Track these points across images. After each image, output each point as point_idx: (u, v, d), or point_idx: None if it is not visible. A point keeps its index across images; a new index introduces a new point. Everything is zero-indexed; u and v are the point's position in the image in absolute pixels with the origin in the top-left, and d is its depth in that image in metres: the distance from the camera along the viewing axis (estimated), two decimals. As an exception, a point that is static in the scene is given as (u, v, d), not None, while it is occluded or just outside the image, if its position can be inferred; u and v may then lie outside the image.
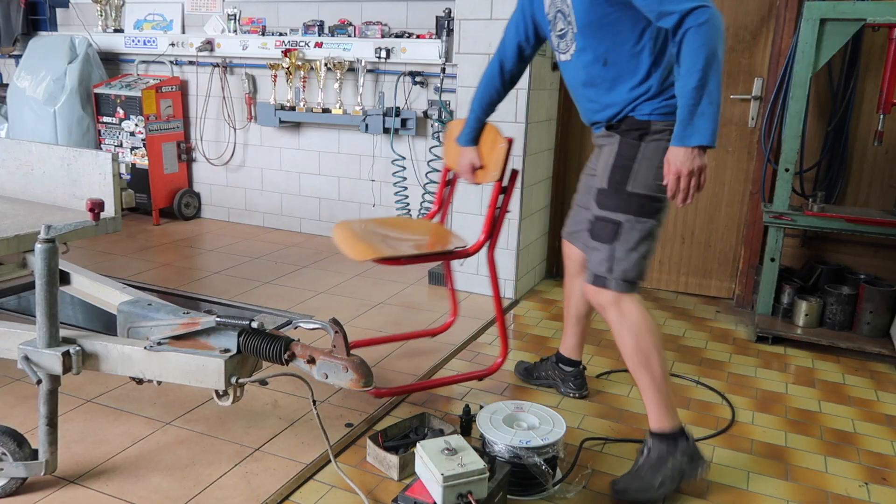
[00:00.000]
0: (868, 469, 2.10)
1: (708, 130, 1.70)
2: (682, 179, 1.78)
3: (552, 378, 2.53)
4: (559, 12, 1.93)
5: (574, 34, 1.90)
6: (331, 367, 1.72)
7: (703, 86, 1.66)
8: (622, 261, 1.89)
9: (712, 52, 1.65)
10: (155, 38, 4.73)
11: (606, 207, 1.91)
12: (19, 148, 2.62)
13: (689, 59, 1.66)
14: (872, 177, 3.21)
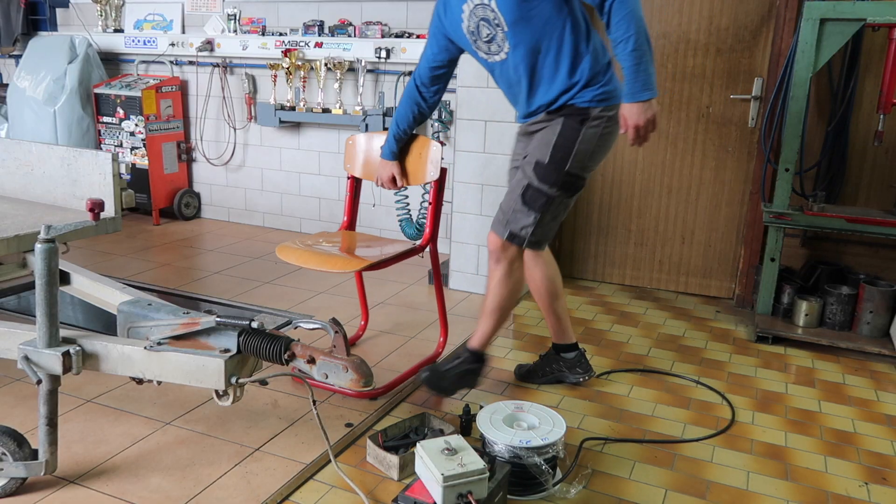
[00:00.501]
0: (868, 469, 2.10)
1: (651, 84, 1.97)
2: (641, 129, 2.00)
3: (557, 371, 2.55)
4: (482, 20, 2.09)
5: (505, 33, 2.06)
6: (331, 367, 1.72)
7: (638, 47, 1.93)
8: (542, 227, 2.18)
9: (637, 16, 1.93)
10: (155, 38, 4.73)
11: (543, 181, 2.13)
12: (19, 148, 2.62)
13: (620, 27, 1.93)
14: (872, 177, 3.21)
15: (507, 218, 2.20)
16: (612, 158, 3.69)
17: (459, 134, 3.42)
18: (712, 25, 3.36)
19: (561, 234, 3.87)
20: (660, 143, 3.58)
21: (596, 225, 3.81)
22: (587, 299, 3.58)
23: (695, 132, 3.51)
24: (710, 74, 3.42)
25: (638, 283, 3.80)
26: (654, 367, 2.77)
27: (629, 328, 3.19)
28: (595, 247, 3.84)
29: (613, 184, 3.72)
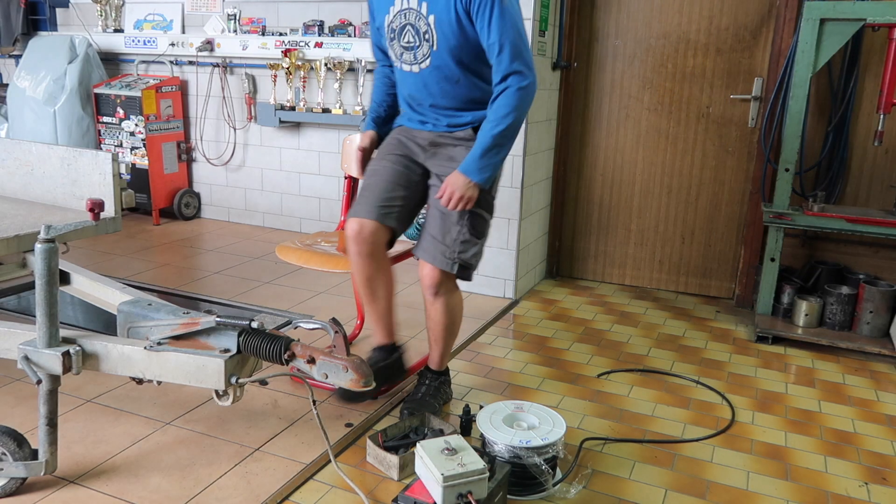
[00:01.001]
0: (868, 469, 2.10)
1: (488, 175, 2.06)
2: (453, 200, 2.06)
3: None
4: (409, 25, 2.09)
5: (431, 51, 2.09)
6: (331, 367, 1.72)
7: (501, 139, 2.04)
8: (480, 253, 2.21)
9: (520, 116, 2.05)
10: (155, 38, 4.73)
11: (485, 208, 2.17)
12: (19, 148, 2.62)
13: (500, 110, 2.02)
14: (872, 177, 3.21)
15: (454, 249, 2.11)
16: (612, 158, 3.69)
17: (459, 134, 3.42)
18: (712, 25, 3.36)
19: (561, 234, 3.87)
20: (660, 143, 3.58)
21: (596, 225, 3.81)
22: (587, 299, 3.58)
23: (695, 132, 3.51)
24: (710, 74, 3.42)
25: (638, 283, 3.80)
26: (654, 367, 2.77)
27: (629, 328, 3.19)
28: (595, 247, 3.84)
29: (613, 184, 3.72)
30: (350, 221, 2.18)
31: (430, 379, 2.32)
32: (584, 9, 3.58)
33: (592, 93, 3.66)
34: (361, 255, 2.18)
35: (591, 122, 3.70)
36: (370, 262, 2.19)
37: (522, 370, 2.70)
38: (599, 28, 3.58)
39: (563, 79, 3.64)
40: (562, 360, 2.81)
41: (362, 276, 2.22)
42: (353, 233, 2.16)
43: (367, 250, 2.17)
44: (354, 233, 2.16)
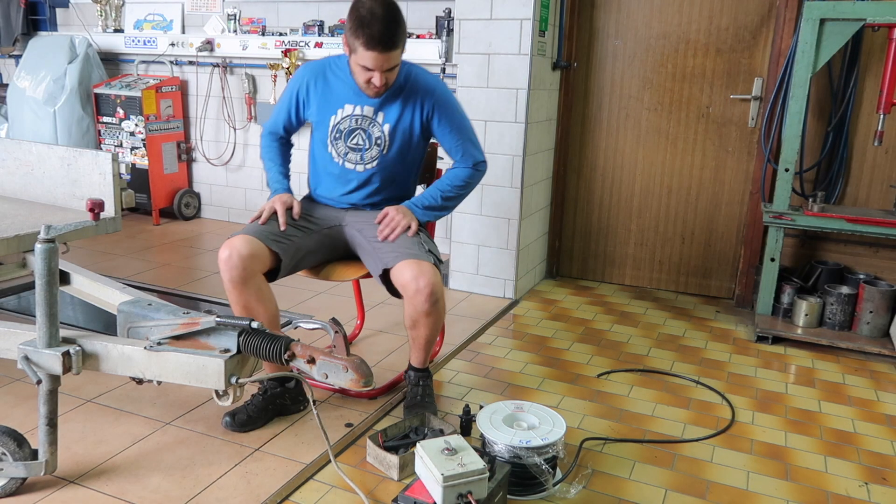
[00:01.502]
0: (868, 469, 2.10)
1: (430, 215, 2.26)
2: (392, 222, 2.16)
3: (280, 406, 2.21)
4: (361, 129, 2.20)
5: (381, 154, 2.22)
6: (331, 367, 1.72)
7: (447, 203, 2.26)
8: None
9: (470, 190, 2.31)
10: (155, 38, 4.73)
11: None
12: (19, 148, 2.62)
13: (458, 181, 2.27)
14: (872, 177, 3.21)
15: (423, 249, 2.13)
16: (611, 158, 3.69)
17: (459, 134, 3.42)
18: (712, 25, 3.36)
19: (561, 234, 3.87)
20: (660, 143, 3.58)
21: (596, 225, 3.81)
22: (587, 299, 3.58)
23: (695, 132, 3.51)
24: (709, 74, 3.42)
25: (638, 283, 3.80)
26: (654, 368, 2.77)
27: (629, 328, 3.19)
28: (595, 247, 3.84)
29: (613, 184, 3.72)
30: (223, 246, 2.07)
31: (422, 379, 2.27)
32: (584, 9, 3.58)
33: (592, 93, 3.66)
34: (234, 281, 2.02)
35: (590, 122, 3.70)
36: (244, 290, 2.03)
37: (522, 370, 2.70)
38: (599, 28, 3.58)
39: (563, 79, 3.64)
40: (562, 360, 2.81)
41: (238, 306, 2.06)
42: (224, 256, 2.03)
43: (240, 275, 2.01)
44: (225, 256, 2.03)
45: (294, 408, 2.23)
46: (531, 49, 3.18)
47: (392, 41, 1.96)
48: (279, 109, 2.33)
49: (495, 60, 3.26)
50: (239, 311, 2.07)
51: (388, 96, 2.17)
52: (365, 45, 1.95)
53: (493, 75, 3.28)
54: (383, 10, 1.94)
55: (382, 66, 1.99)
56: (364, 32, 1.93)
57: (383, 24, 1.93)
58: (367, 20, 1.93)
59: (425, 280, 2.02)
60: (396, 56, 2.01)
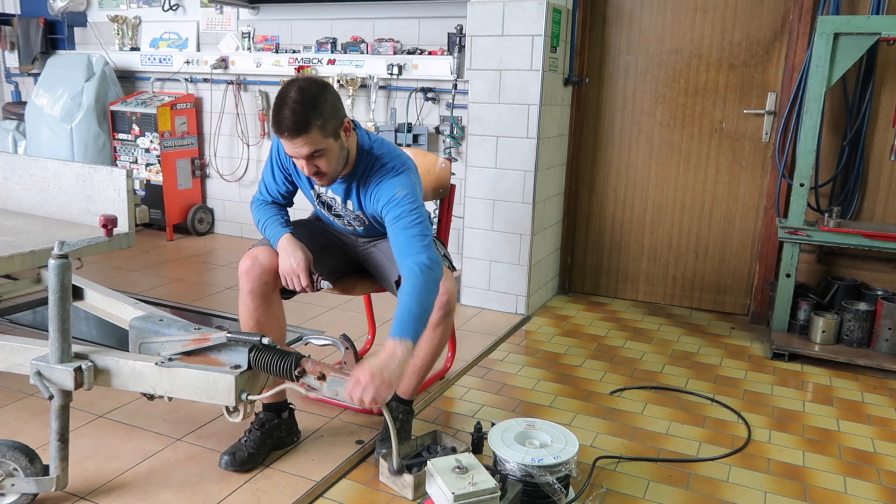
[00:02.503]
0: (889, 490, 2.06)
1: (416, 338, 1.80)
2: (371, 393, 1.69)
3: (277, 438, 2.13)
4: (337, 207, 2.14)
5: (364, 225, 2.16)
6: (341, 383, 1.71)
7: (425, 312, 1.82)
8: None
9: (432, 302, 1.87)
10: (170, 56, 4.79)
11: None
12: (35, 165, 2.65)
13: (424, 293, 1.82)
14: (889, 192, 3.18)
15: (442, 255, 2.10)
16: (624, 174, 3.68)
17: (471, 149, 3.42)
18: (725, 40, 3.36)
19: (573, 249, 3.86)
20: (672, 158, 3.57)
21: (609, 240, 3.79)
22: (600, 315, 3.55)
23: (708, 147, 3.49)
24: (722, 89, 3.41)
25: (651, 299, 3.77)
26: (669, 385, 2.74)
27: (643, 345, 3.16)
28: (608, 262, 3.82)
29: (626, 199, 3.70)
30: (244, 256, 2.05)
31: (403, 413, 2.15)
32: (596, 24, 3.58)
33: (604, 108, 3.66)
34: (252, 293, 2.01)
35: (603, 138, 3.69)
36: (261, 304, 2.03)
37: (535, 387, 2.68)
38: (611, 44, 3.58)
39: (575, 94, 3.64)
40: (574, 376, 2.79)
41: (251, 320, 2.04)
42: (245, 267, 2.03)
43: (260, 288, 2.02)
44: (246, 267, 2.02)
45: (289, 440, 2.15)
46: (543, 65, 3.18)
47: (298, 126, 1.78)
48: (272, 180, 2.19)
49: (507, 76, 3.27)
50: (250, 324, 2.06)
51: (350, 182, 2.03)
52: (276, 131, 1.83)
53: (505, 91, 3.28)
54: (297, 93, 1.79)
55: (297, 153, 1.85)
56: (274, 119, 1.83)
57: (290, 108, 1.78)
58: (278, 105, 1.81)
59: (443, 287, 1.94)
60: (312, 141, 1.81)
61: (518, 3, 3.17)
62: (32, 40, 5.12)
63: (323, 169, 1.90)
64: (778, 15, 3.25)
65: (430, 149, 4.08)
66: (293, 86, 1.82)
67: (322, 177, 1.93)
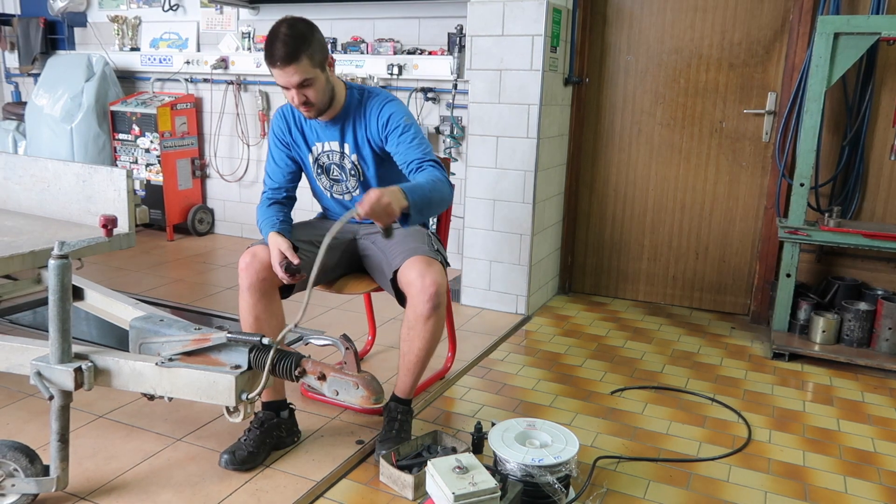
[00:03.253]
0: (889, 490, 2.05)
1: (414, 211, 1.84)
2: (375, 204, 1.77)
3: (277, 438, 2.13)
4: (334, 164, 2.22)
5: (359, 183, 2.23)
6: (341, 383, 1.71)
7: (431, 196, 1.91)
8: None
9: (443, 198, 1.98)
10: (170, 56, 4.79)
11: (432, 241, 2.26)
12: (36, 165, 2.65)
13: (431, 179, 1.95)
14: (889, 191, 3.18)
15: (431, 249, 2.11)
16: (624, 174, 3.68)
17: (471, 149, 3.42)
18: (725, 40, 3.36)
19: (573, 249, 3.86)
20: (673, 158, 3.57)
21: (609, 241, 3.79)
22: (600, 315, 3.55)
23: (708, 147, 3.49)
24: (723, 89, 3.41)
25: (651, 299, 3.77)
26: (669, 385, 2.74)
27: (643, 344, 3.16)
28: (608, 263, 3.82)
29: (626, 199, 3.70)
30: (244, 253, 2.08)
31: (402, 413, 2.15)
32: (596, 24, 3.58)
33: (604, 108, 3.66)
34: (251, 289, 2.03)
35: (603, 138, 3.69)
36: (260, 300, 2.05)
37: (535, 387, 2.68)
38: (611, 43, 3.58)
39: (575, 94, 3.64)
40: (575, 376, 2.79)
41: (250, 316, 2.06)
42: (245, 263, 2.05)
43: (259, 284, 2.03)
44: (246, 263, 2.05)
45: (289, 440, 2.15)
46: (543, 65, 3.18)
47: (289, 56, 1.93)
48: (273, 164, 2.26)
49: (507, 76, 3.27)
50: (249, 320, 2.06)
51: (344, 123, 2.16)
52: (268, 63, 1.98)
53: (505, 91, 3.28)
54: (286, 27, 1.96)
55: (288, 81, 1.97)
56: (266, 52, 1.98)
57: (281, 40, 1.94)
58: (269, 40, 1.97)
59: (430, 279, 1.97)
60: (302, 69, 1.95)
61: (518, 3, 3.17)
62: (32, 40, 5.12)
63: (311, 99, 2.02)
64: (778, 15, 3.25)
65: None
66: (283, 23, 1.98)
67: (310, 108, 2.05)
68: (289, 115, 2.24)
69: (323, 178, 2.27)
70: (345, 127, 2.17)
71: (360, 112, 2.15)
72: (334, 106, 2.12)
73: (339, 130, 2.17)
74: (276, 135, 2.25)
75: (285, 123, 2.24)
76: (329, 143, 2.20)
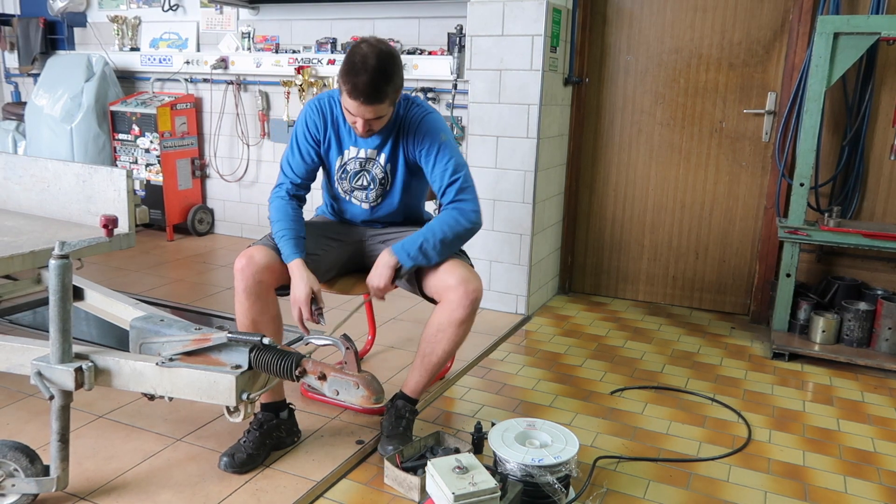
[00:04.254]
0: (889, 490, 2.06)
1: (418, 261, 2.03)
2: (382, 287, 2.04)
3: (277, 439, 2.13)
4: (364, 171, 2.19)
5: (385, 191, 2.22)
6: (342, 383, 1.71)
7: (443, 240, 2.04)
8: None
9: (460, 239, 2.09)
10: (170, 56, 4.79)
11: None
12: (36, 165, 2.65)
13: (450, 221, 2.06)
14: (889, 191, 3.18)
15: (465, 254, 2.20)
16: (624, 174, 3.68)
17: (471, 149, 3.42)
18: (724, 40, 3.36)
19: (573, 249, 3.86)
20: (673, 157, 3.57)
21: (609, 240, 3.79)
22: (600, 315, 3.55)
23: (708, 147, 3.49)
24: (722, 89, 3.41)
25: (651, 299, 3.77)
26: (669, 385, 2.74)
27: (643, 344, 3.16)
28: (608, 262, 3.82)
29: (626, 199, 3.70)
30: (240, 255, 2.05)
31: (409, 412, 2.15)
32: (596, 25, 3.59)
33: (604, 108, 3.66)
34: (247, 291, 2.01)
35: (603, 138, 3.69)
36: (256, 302, 2.02)
37: (535, 387, 2.68)
38: (611, 43, 3.58)
39: (575, 94, 3.64)
40: (575, 376, 2.79)
41: (246, 319, 2.04)
42: (240, 265, 2.02)
43: (254, 286, 2.01)
44: (241, 265, 2.02)
45: (289, 440, 2.15)
46: (543, 65, 3.18)
47: (376, 95, 1.89)
48: (299, 157, 2.18)
49: (507, 76, 3.27)
50: (246, 322, 2.06)
51: (385, 135, 2.13)
52: (349, 93, 1.90)
53: (505, 91, 3.28)
54: (376, 61, 1.87)
55: (363, 115, 1.94)
56: (350, 80, 1.89)
57: (370, 76, 1.86)
58: (358, 68, 1.87)
59: (474, 286, 2.00)
60: (381, 109, 1.94)
61: (518, 3, 3.17)
62: (32, 41, 5.12)
63: (375, 128, 2.03)
64: (778, 14, 3.25)
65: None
66: (372, 52, 1.88)
67: (370, 133, 2.05)
68: (327, 112, 2.15)
69: (345, 183, 2.22)
70: (386, 137, 2.13)
71: (400, 123, 2.11)
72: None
73: (378, 139, 2.13)
74: (308, 128, 2.16)
75: (322, 120, 2.15)
76: (365, 150, 2.15)
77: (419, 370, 2.12)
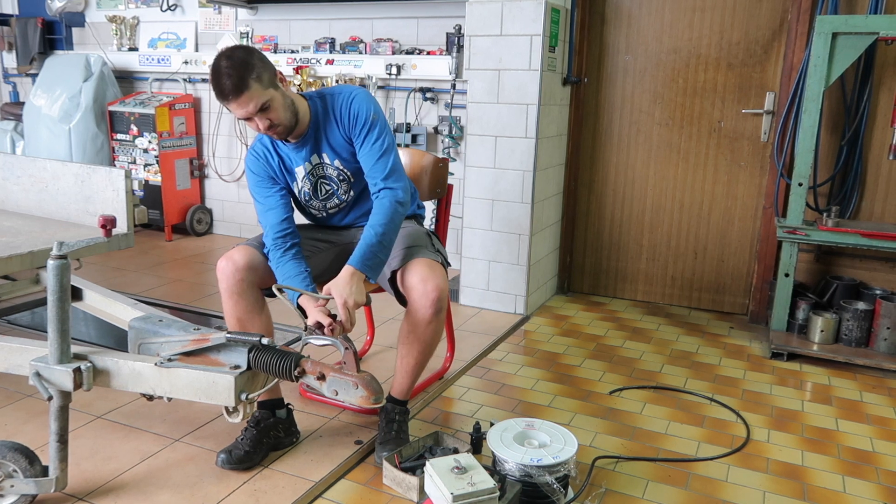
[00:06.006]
0: (888, 489, 2.06)
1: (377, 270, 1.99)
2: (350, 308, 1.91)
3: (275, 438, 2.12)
4: (321, 178, 2.16)
5: (350, 184, 2.18)
6: (341, 383, 1.71)
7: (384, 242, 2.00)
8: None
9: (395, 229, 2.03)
10: (169, 56, 4.79)
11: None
12: (34, 165, 2.65)
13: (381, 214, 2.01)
14: (887, 191, 3.18)
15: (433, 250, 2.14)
16: (622, 173, 3.68)
17: (470, 149, 3.43)
18: (723, 40, 3.36)
19: (572, 249, 3.86)
20: (671, 158, 3.57)
21: (607, 240, 3.79)
22: (599, 315, 3.55)
23: (706, 147, 3.49)
24: (721, 89, 3.41)
25: (650, 299, 3.77)
26: (668, 384, 2.74)
27: (642, 344, 3.16)
28: (606, 262, 3.82)
29: (625, 199, 3.70)
30: (222, 257, 2.05)
31: (400, 414, 2.14)
32: (595, 24, 3.59)
33: (603, 108, 3.66)
34: (229, 291, 2.02)
35: (601, 138, 3.69)
36: (239, 301, 2.03)
37: (534, 387, 2.68)
38: (610, 43, 3.58)
39: (574, 94, 3.64)
40: (573, 376, 2.79)
41: (232, 318, 2.05)
42: (221, 266, 2.03)
43: (236, 286, 2.01)
44: (222, 266, 2.03)
45: (288, 440, 2.14)
46: (541, 65, 3.19)
47: (239, 86, 1.86)
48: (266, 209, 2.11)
49: (505, 76, 3.27)
50: (233, 322, 2.06)
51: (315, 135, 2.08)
52: (221, 100, 1.89)
53: (504, 91, 3.28)
54: (226, 60, 1.87)
55: (246, 111, 1.90)
56: (216, 89, 1.89)
57: (225, 74, 1.86)
58: (215, 75, 1.88)
59: (433, 284, 1.98)
60: (255, 95, 1.88)
61: (516, 2, 3.17)
62: (30, 40, 5.12)
63: (275, 120, 1.95)
64: (776, 14, 3.25)
65: (429, 149, 4.08)
66: (221, 57, 1.89)
67: (277, 128, 1.98)
68: (260, 150, 2.13)
69: (314, 203, 2.20)
70: (318, 138, 2.09)
71: (327, 117, 2.08)
72: (301, 122, 2.03)
73: (311, 146, 2.10)
74: (257, 176, 2.12)
75: (263, 159, 2.12)
76: (305, 162, 2.12)
77: (400, 372, 2.13)
